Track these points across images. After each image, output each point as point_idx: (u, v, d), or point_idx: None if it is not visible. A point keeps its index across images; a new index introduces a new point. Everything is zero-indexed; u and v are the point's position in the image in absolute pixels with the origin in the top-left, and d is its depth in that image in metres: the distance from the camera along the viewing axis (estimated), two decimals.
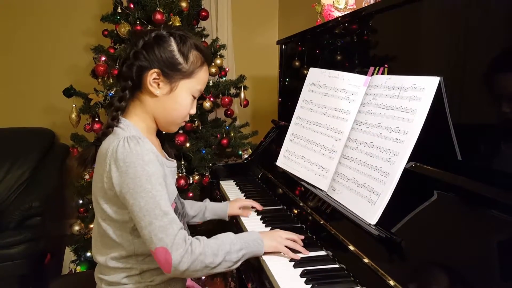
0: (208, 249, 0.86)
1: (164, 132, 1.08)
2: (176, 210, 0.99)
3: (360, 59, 1.26)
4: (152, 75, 0.92)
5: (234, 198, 1.37)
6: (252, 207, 1.31)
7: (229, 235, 0.94)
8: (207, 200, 1.32)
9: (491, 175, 0.77)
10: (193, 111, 1.01)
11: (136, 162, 0.84)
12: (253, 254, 0.95)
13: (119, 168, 0.84)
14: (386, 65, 1.08)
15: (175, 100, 0.96)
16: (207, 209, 1.27)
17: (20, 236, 2.00)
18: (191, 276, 0.91)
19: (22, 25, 2.70)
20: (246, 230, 1.17)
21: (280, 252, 0.97)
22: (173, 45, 0.94)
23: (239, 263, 0.92)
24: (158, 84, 0.93)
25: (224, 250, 0.88)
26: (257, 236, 0.97)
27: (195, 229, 2.05)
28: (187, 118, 1.02)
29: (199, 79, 0.98)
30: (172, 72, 0.93)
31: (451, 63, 0.91)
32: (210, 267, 0.86)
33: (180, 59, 0.94)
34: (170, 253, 0.81)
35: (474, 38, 0.85)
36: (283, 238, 0.99)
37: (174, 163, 1.05)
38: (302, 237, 1.04)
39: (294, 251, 0.98)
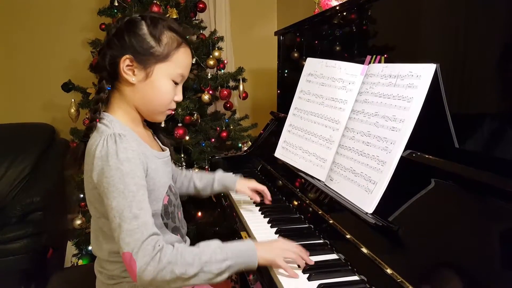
0: (180, 258, 0.79)
1: (163, 124, 1.06)
2: (170, 203, 0.97)
3: (357, 48, 1.25)
4: (124, 62, 0.88)
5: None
6: (260, 195, 1.25)
7: (213, 243, 0.85)
8: (219, 170, 1.26)
9: (489, 162, 0.77)
10: (178, 98, 0.96)
11: (111, 161, 0.81)
12: (243, 266, 0.85)
13: (97, 167, 0.83)
14: (385, 55, 1.07)
15: (153, 86, 0.91)
16: (216, 180, 1.22)
17: (22, 231, 2.01)
18: (163, 287, 0.83)
19: (19, 21, 2.69)
20: (245, 222, 1.17)
21: None
22: (144, 28, 0.90)
23: (225, 275, 0.82)
24: (133, 71, 0.90)
25: (201, 260, 0.80)
26: (250, 246, 0.86)
27: (195, 223, 2.06)
28: (173, 106, 0.97)
29: (177, 62, 0.92)
30: (144, 56, 0.89)
31: (448, 50, 0.91)
32: (184, 278, 0.78)
33: (151, 42, 0.89)
34: (134, 259, 0.76)
35: (471, 25, 0.84)
36: (284, 249, 0.88)
37: (166, 152, 1.02)
38: (307, 256, 0.90)
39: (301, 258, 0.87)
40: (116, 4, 2.02)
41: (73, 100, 1.99)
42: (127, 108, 0.94)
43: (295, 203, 1.24)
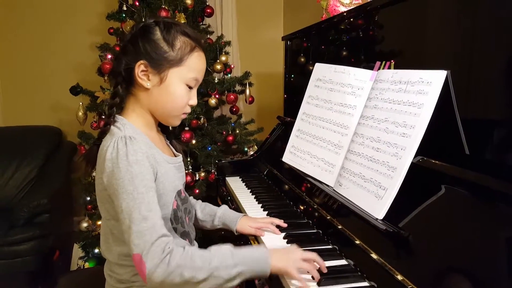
0: (189, 261, 0.79)
1: (171, 128, 1.07)
2: (178, 208, 0.97)
3: (366, 54, 1.25)
4: (139, 67, 0.90)
5: (253, 216, 1.20)
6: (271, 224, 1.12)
7: (224, 248, 0.84)
8: (224, 206, 1.20)
9: (499, 169, 0.77)
10: (193, 102, 0.97)
11: (121, 163, 0.82)
12: (255, 273, 0.84)
13: (107, 169, 0.83)
14: (392, 61, 1.07)
15: (167, 90, 0.92)
16: (217, 216, 1.17)
17: (29, 233, 2.02)
18: None
19: (28, 24, 2.72)
20: None
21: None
22: (158, 34, 0.91)
23: (235, 281, 0.82)
24: (148, 76, 0.91)
25: (211, 265, 0.80)
26: (263, 254, 0.85)
27: None
28: (187, 110, 0.98)
29: (191, 66, 0.93)
30: (158, 61, 0.90)
31: (458, 56, 0.91)
32: (193, 282, 0.78)
33: (165, 47, 0.90)
34: (144, 261, 0.76)
35: (482, 31, 0.84)
36: (298, 259, 0.85)
37: (179, 158, 1.03)
38: (323, 264, 0.87)
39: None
40: (125, 8, 2.03)
41: (81, 103, 2.01)
42: (142, 112, 0.95)
43: (303, 208, 1.24)
